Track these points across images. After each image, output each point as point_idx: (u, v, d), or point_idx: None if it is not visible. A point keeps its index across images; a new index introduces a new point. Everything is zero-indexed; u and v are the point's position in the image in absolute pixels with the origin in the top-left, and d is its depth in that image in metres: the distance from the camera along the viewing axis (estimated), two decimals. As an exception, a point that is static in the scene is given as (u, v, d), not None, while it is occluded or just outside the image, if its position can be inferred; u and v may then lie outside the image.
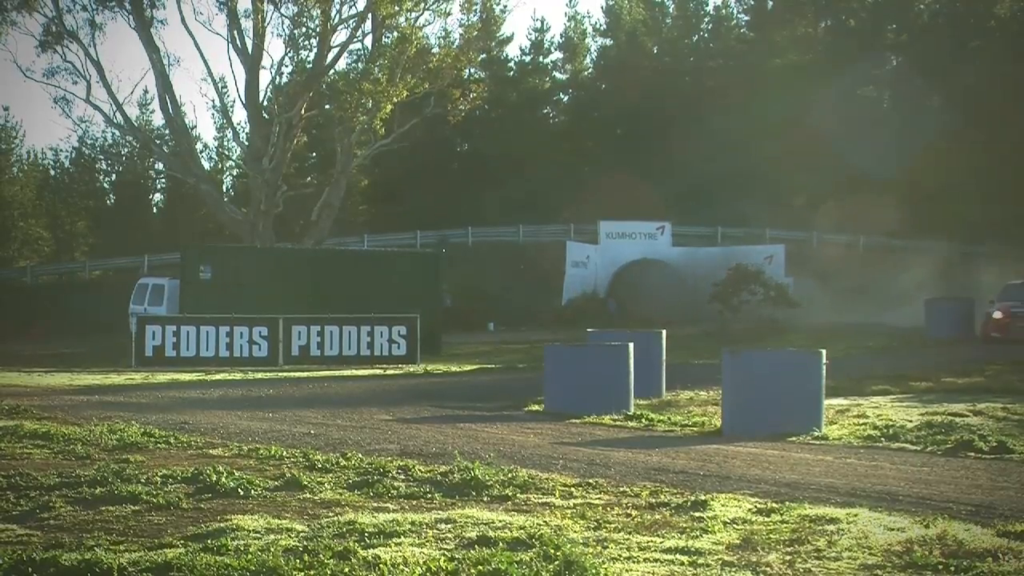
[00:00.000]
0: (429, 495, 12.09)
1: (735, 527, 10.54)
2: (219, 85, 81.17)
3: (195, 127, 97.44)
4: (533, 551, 9.35)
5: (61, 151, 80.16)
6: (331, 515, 11.01)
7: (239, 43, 51.30)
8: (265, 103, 53.96)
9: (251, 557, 9.02)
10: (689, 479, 13.42)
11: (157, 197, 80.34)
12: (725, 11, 78.22)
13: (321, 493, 12.20)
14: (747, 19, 77.32)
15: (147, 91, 77.57)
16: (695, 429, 18.71)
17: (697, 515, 11.01)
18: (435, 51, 53.69)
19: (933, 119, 55.20)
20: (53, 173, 79.77)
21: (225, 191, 71.09)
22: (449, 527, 10.43)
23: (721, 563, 9.27)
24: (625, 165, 62.51)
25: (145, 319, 36.22)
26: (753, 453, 15.74)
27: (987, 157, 54.19)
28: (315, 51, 52.66)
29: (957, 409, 20.58)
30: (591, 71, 79.48)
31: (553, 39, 79.10)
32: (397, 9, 50.62)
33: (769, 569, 9.10)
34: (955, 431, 17.49)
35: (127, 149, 75.51)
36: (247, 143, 55.54)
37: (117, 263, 64.29)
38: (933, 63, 61.44)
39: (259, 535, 10.14)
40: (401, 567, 8.84)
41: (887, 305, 42.60)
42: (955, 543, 9.80)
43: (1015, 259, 45.00)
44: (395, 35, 51.81)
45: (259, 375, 31.39)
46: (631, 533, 10.31)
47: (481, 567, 8.75)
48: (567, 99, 79.38)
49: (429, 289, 40.39)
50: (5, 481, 12.62)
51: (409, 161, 64.02)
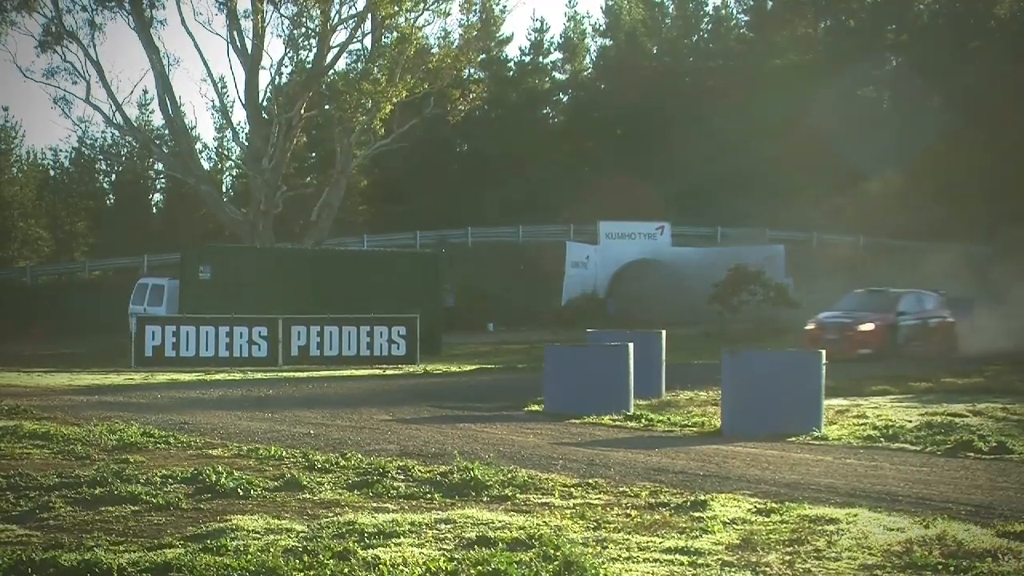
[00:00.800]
0: (429, 495, 12.09)
1: (735, 527, 10.54)
2: (219, 85, 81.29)
3: (195, 127, 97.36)
4: (533, 551, 9.35)
5: (61, 151, 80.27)
6: (331, 515, 11.01)
7: (239, 43, 51.32)
8: (265, 103, 53.98)
9: (251, 557, 9.02)
10: (689, 479, 13.42)
11: (157, 197, 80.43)
12: (725, 11, 78.28)
13: (321, 493, 12.20)
14: (747, 19, 77.35)
15: (147, 91, 77.53)
16: (695, 429, 18.71)
17: (697, 515, 11.01)
18: (435, 51, 53.71)
19: (933, 119, 55.22)
20: (53, 173, 79.81)
21: (225, 191, 71.10)
22: (449, 527, 10.43)
23: (721, 563, 9.27)
24: (625, 165, 62.53)
25: (145, 319, 36.23)
26: (753, 453, 15.74)
27: (987, 157, 54.22)
28: (315, 51, 52.69)
29: (957, 409, 20.58)
30: (591, 71, 79.50)
31: (553, 39, 79.18)
32: (397, 9, 50.64)
33: (769, 569, 9.10)
34: (955, 431, 17.49)
35: (127, 149, 75.57)
36: (247, 143, 55.56)
37: (117, 263, 64.30)
38: (933, 63, 61.48)
39: (259, 535, 10.14)
40: (401, 567, 8.84)
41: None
42: (955, 543, 9.80)
43: (1017, 259, 44.98)
44: (395, 35, 51.83)
45: (259, 375, 31.39)
46: (631, 533, 10.31)
47: (481, 567, 8.75)
48: (567, 99, 79.40)
49: (429, 289, 40.40)
50: (5, 481, 12.62)
51: (409, 161, 64.04)
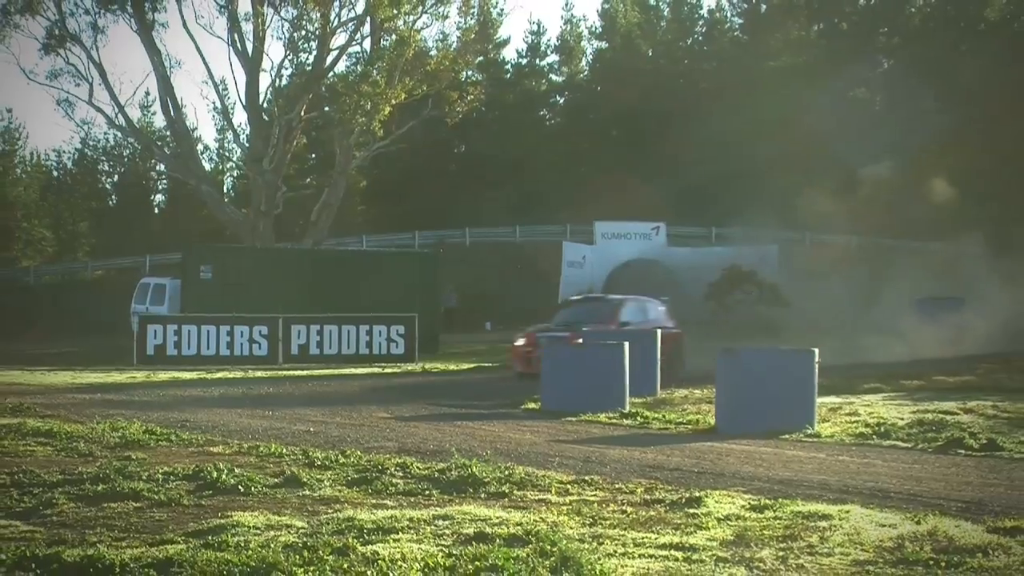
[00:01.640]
0: (427, 492, 12.09)
1: (729, 523, 10.54)
2: (220, 87, 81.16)
3: (196, 129, 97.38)
4: (529, 547, 9.35)
5: (64, 153, 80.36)
6: (330, 512, 11.01)
7: (239, 46, 51.34)
8: (265, 105, 53.99)
9: (251, 553, 9.02)
10: (684, 476, 13.43)
11: (158, 198, 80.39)
12: (719, 14, 78.27)
13: (320, 490, 12.19)
14: (740, 22, 77.34)
15: (148, 93, 77.61)
16: (689, 427, 18.71)
17: (691, 512, 11.01)
18: (433, 54, 53.74)
19: (926, 120, 55.22)
20: (56, 174, 79.79)
21: (226, 192, 71.13)
22: (447, 523, 10.42)
23: (715, 559, 9.27)
24: (621, 166, 62.54)
25: (147, 318, 36.26)
26: (747, 450, 15.74)
27: (980, 157, 54.22)
28: (314, 54, 52.72)
29: (948, 407, 20.58)
30: (587, 73, 79.49)
31: (549, 42, 79.16)
32: (395, 12, 50.66)
33: (762, 565, 9.10)
34: (946, 429, 17.50)
35: (129, 150, 75.53)
36: (247, 144, 55.56)
37: (119, 263, 64.29)
38: (925, 66, 61.48)
39: (259, 531, 10.13)
40: (399, 563, 8.84)
41: (882, 305, 42.59)
42: (945, 539, 9.80)
43: (1010, 259, 45.01)
44: (393, 38, 51.85)
45: (259, 374, 31.40)
46: (626, 529, 10.31)
47: (478, 563, 8.75)
48: (563, 101, 79.38)
49: (427, 289, 40.44)
50: (9, 478, 12.61)
51: (407, 162, 64.03)
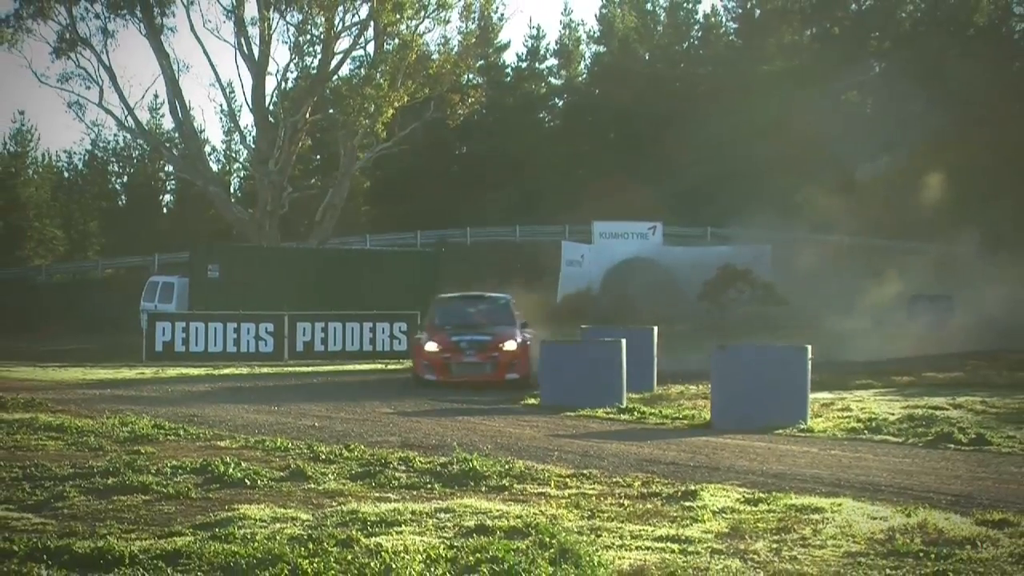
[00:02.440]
0: (429, 485, 12.10)
1: (724, 516, 10.55)
2: (227, 90, 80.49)
3: (203, 131, 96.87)
4: (529, 539, 9.36)
5: (75, 154, 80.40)
6: (335, 504, 11.02)
7: (246, 50, 51.33)
8: (271, 107, 53.95)
9: (257, 545, 9.03)
10: (680, 470, 13.43)
11: (167, 198, 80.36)
12: (714, 19, 78.18)
13: (325, 483, 12.20)
14: (735, 27, 77.32)
15: (157, 96, 77.52)
16: (685, 422, 18.72)
17: (687, 505, 11.02)
18: (435, 57, 53.69)
19: (917, 123, 55.17)
20: (67, 175, 79.81)
21: (232, 192, 71.10)
22: (448, 516, 10.43)
23: (710, 551, 9.28)
24: (619, 167, 62.50)
25: (155, 316, 36.27)
26: (741, 445, 15.75)
27: (972, 160, 54.17)
28: (319, 57, 52.68)
29: (937, 403, 20.60)
30: (585, 77, 79.46)
31: (548, 46, 79.10)
32: (398, 17, 50.63)
33: (756, 557, 9.11)
34: (935, 424, 17.51)
35: (138, 152, 75.59)
36: (254, 146, 55.57)
37: (128, 262, 64.31)
38: (915, 69, 61.46)
39: (265, 524, 10.15)
40: (402, 554, 8.85)
41: (875, 303, 42.60)
42: (935, 531, 9.81)
43: (1001, 258, 45.01)
44: (396, 42, 51.84)
45: (265, 370, 31.40)
46: (624, 522, 10.32)
47: (479, 555, 8.76)
48: (562, 104, 79.35)
49: (428, 287, 40.41)
50: (21, 471, 12.63)
51: (410, 163, 64.03)
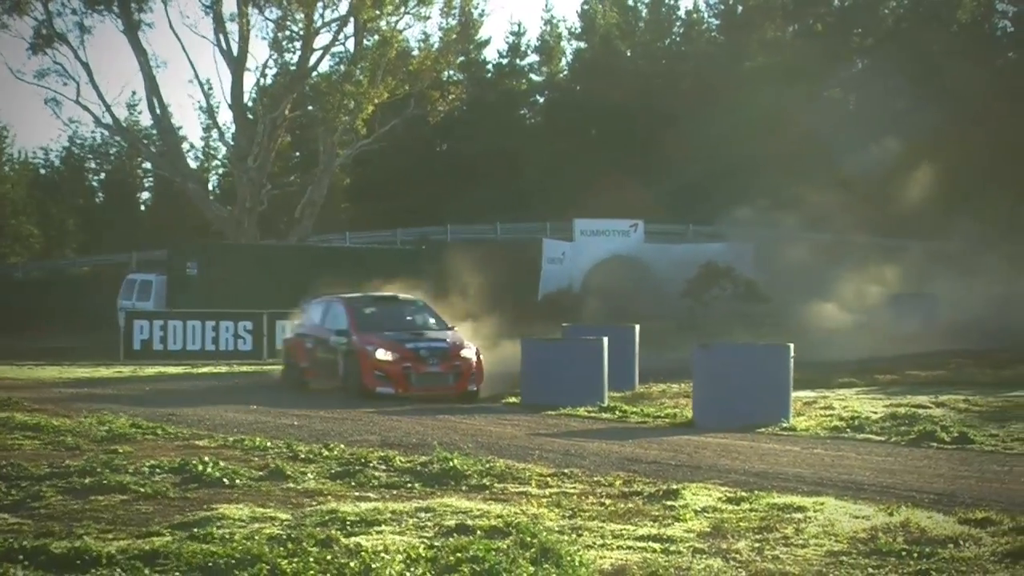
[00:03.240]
0: (409, 485, 12.09)
1: (706, 515, 10.57)
2: (205, 86, 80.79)
3: (182, 127, 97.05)
4: (510, 539, 9.36)
5: (51, 151, 79.88)
6: (314, 504, 11.01)
7: (224, 46, 51.23)
8: (250, 104, 53.89)
9: (236, 545, 9.01)
10: (661, 469, 13.45)
11: (145, 195, 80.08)
12: (696, 15, 78.22)
13: (304, 483, 12.19)
14: (717, 23, 77.37)
15: (135, 92, 77.17)
16: (667, 420, 18.76)
17: (669, 504, 11.04)
18: (415, 54, 53.69)
19: (902, 120, 55.28)
20: (44, 172, 79.48)
21: (211, 189, 70.93)
22: (428, 516, 10.43)
23: (692, 550, 9.29)
24: (600, 164, 62.47)
25: (133, 314, 36.22)
26: (723, 444, 15.78)
27: (958, 158, 54.27)
28: (298, 53, 52.59)
29: (920, 401, 20.67)
30: (567, 73, 79.47)
31: (529, 42, 79.05)
32: (378, 13, 50.58)
33: (739, 556, 9.12)
34: (918, 422, 17.56)
35: (115, 149, 75.29)
36: (232, 143, 55.49)
37: (106, 259, 64.08)
38: (899, 67, 61.59)
39: (244, 523, 10.13)
40: (382, 554, 8.84)
41: (860, 301, 42.71)
42: (918, 530, 9.84)
43: (987, 257, 45.14)
44: (376, 38, 51.77)
45: (244, 368, 31.36)
46: (605, 521, 10.33)
47: (460, 554, 8.75)
48: (544, 100, 79.35)
49: (409, 284, 40.37)
50: (-3, 471, 12.58)
51: (390, 160, 63.95)
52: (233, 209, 52.78)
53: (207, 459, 13.02)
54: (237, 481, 12.11)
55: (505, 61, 78.54)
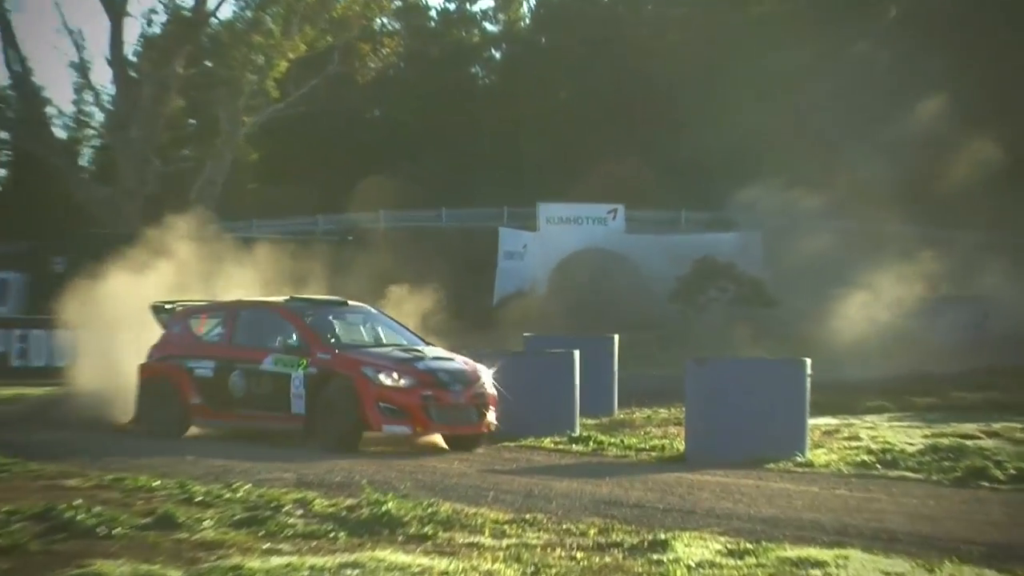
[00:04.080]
0: (332, 534, 12.06)
1: (701, 572, 10.57)
2: (76, 37, 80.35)
3: (45, 88, 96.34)
4: (458, 602, 9.35)
5: None
6: (213, 559, 10.96)
7: (101, -16, 51.05)
8: (133, 59, 53.68)
9: (114, 612, 8.96)
10: (646, 514, 13.47)
11: (1, 172, 79.83)
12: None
13: (201, 532, 12.14)
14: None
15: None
16: (653, 454, 18.80)
17: (656, 558, 11.04)
18: (340, -3, 53.61)
19: (945, 82, 55.35)
20: None
21: (84, 166, 70.70)
22: (356, 572, 10.41)
23: (685, 616, 9.30)
24: (570, 135, 62.62)
25: (-15, 321, 35.99)
26: (723, 483, 15.81)
27: (1018, 126, 54.40)
28: (194, -5, 52.49)
29: (968, 430, 20.79)
30: (528, 22, 79.58)
31: (483, -17, 79.24)
32: (294, -57, 50.55)
33: (743, 623, 9.13)
34: (966, 456, 17.64)
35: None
36: (111, 108, 55.28)
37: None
38: (942, 14, 61.73)
39: (124, 584, 10.07)
40: (297, 623, 8.81)
41: (892, 306, 42.86)
42: (965, 591, 9.87)
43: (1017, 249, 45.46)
44: (292, -23, 51.71)
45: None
46: (577, 580, 10.33)
47: (394, 621, 8.74)
48: (500, 56, 79.45)
49: (328, 287, 40.31)
50: None
51: (309, 130, 63.93)
52: (112, 190, 52.59)
53: (78, 502, 12.95)
54: (116, 530, 12.05)
55: (452, 7, 78.59)
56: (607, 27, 71.29)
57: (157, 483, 14.93)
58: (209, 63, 56.15)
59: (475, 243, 55.31)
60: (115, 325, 26.21)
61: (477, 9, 79.39)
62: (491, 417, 21.06)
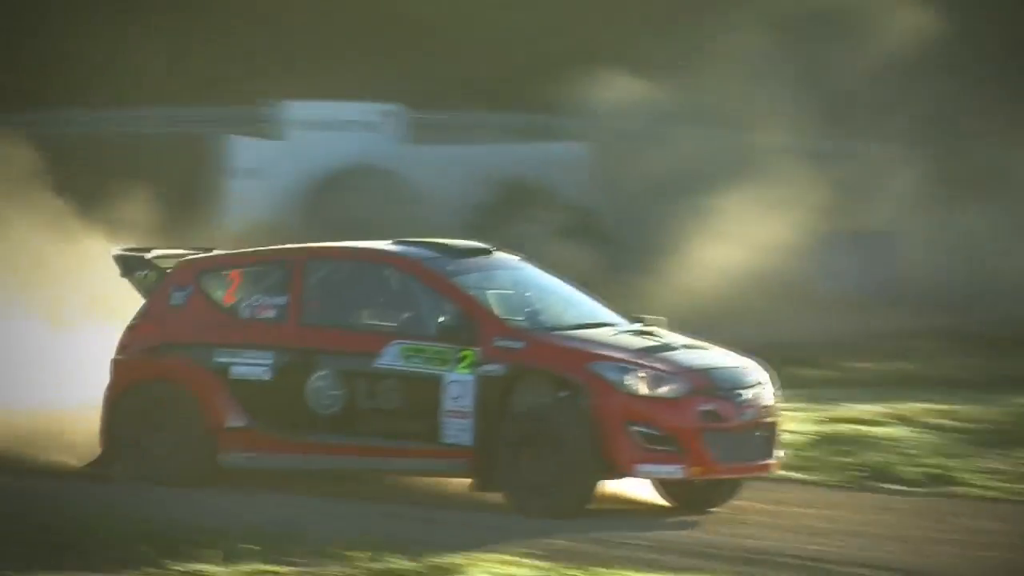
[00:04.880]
0: None
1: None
2: None
3: None
4: None
5: None
6: None
7: None
8: None
9: None
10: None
11: None
12: None
13: None
14: None
15: None
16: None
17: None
18: None
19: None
20: None
21: None
22: None
23: None
24: (326, 8, 62.74)
25: None
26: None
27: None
28: None
29: (868, 412, 21.28)
30: None
31: None
32: None
33: None
34: (866, 449, 18.09)
35: None
36: None
37: None
38: None
39: None
40: None
41: (767, 243, 43.39)
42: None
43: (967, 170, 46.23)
44: None
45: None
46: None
47: None
48: None
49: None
50: None
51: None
52: None
53: None
54: None
55: None
56: None
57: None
58: None
59: (190, 156, 55.14)
60: None
61: None
62: (778, 449, 17.87)
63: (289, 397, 18.40)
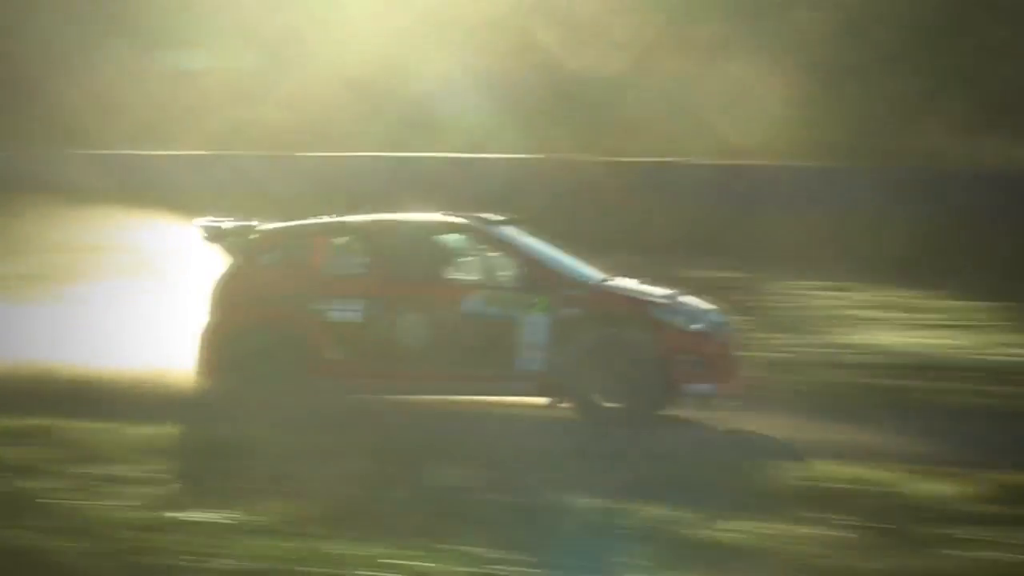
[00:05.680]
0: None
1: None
2: None
3: None
4: None
5: None
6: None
7: None
8: None
9: None
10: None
11: None
12: None
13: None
14: None
15: None
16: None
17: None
18: None
19: None
20: None
21: None
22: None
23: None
24: None
25: None
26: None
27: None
28: None
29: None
30: None
31: None
32: None
33: None
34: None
35: None
36: None
37: None
38: None
39: None
40: None
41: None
42: None
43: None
44: None
45: None
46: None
47: None
48: None
49: None
50: None
51: None
52: None
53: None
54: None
55: None
56: None
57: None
58: None
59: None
60: None
61: None
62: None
63: (381, 336, 21.35)
